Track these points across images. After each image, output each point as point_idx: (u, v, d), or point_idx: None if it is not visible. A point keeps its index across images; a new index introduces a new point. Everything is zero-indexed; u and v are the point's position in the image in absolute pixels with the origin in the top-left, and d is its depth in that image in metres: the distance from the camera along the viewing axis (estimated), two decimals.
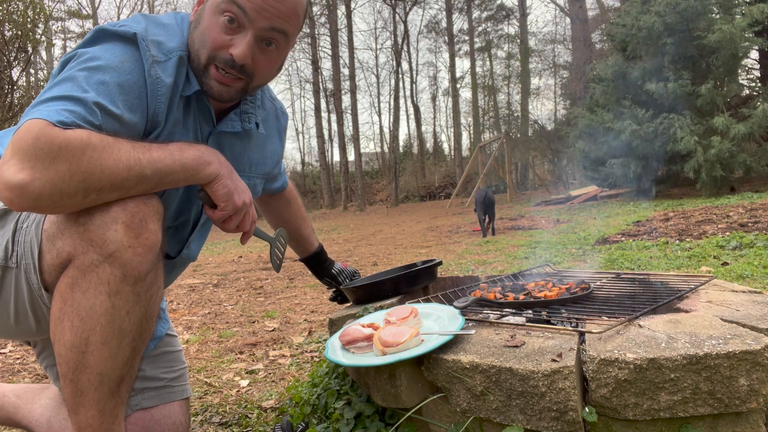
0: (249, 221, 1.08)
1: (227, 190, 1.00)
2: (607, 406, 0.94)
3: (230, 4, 0.97)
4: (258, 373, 2.02)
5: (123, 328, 0.90)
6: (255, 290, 4.14)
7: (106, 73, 0.90)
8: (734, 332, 0.98)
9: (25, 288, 0.96)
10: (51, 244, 0.91)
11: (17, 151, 0.80)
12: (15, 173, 0.79)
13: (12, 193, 0.79)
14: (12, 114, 10.06)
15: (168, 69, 0.98)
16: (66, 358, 0.89)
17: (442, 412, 1.09)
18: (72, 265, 0.89)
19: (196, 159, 0.95)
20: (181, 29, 1.05)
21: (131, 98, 0.93)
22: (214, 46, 1.00)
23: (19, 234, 0.95)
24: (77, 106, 0.85)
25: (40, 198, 0.80)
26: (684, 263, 3.37)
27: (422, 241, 7.34)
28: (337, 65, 25.18)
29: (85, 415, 0.92)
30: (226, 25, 0.98)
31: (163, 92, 0.98)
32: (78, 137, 0.81)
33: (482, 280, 1.82)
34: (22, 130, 0.81)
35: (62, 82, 0.88)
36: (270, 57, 1.05)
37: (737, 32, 8.90)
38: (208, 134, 1.13)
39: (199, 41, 1.01)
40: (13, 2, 10.19)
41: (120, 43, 0.95)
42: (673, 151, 9.47)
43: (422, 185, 30.06)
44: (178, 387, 1.26)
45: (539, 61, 32.00)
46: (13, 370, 2.23)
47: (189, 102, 1.06)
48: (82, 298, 0.88)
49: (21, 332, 1.04)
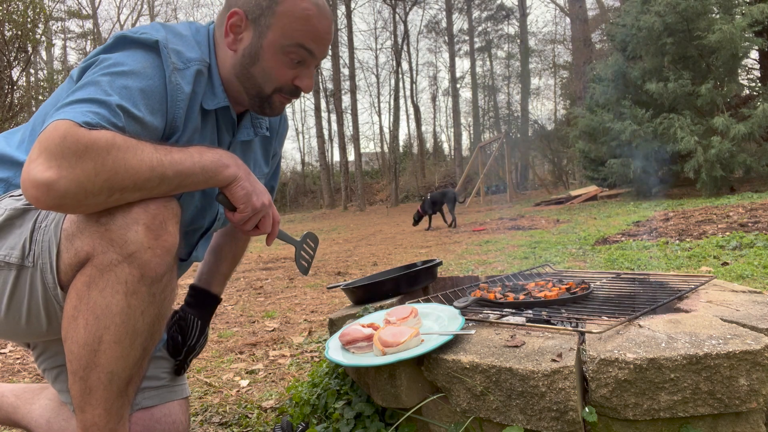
0: (269, 222, 1.10)
1: (245, 192, 1.02)
2: (607, 406, 0.94)
3: (299, 48, 1.06)
4: (258, 373, 2.02)
5: (137, 328, 0.92)
6: (255, 290, 4.14)
7: (128, 78, 0.93)
8: (734, 332, 0.98)
9: (40, 287, 0.96)
10: (69, 243, 0.92)
11: (44, 150, 0.81)
12: (42, 171, 0.80)
13: (38, 191, 0.81)
14: (12, 114, 10.06)
15: (187, 77, 1.02)
16: (77, 355, 0.90)
17: (442, 412, 1.09)
18: (90, 264, 0.90)
19: (215, 162, 0.98)
20: (198, 41, 1.09)
21: (153, 103, 0.96)
22: (281, 82, 1.09)
23: (38, 233, 0.96)
24: (102, 108, 0.87)
25: (65, 196, 0.82)
26: (684, 263, 3.37)
27: (422, 241, 7.35)
28: (337, 65, 25.19)
29: (91, 413, 0.93)
30: (293, 64, 1.08)
31: (182, 99, 1.01)
32: (103, 137, 0.83)
33: (482, 280, 1.82)
34: (48, 130, 0.82)
35: (86, 86, 0.90)
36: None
37: (737, 32, 8.89)
38: (229, 144, 1.18)
39: (263, 77, 1.08)
40: (13, 2, 10.19)
41: (142, 50, 0.98)
42: (673, 151, 9.47)
43: (422, 185, 30.05)
44: (178, 386, 1.26)
45: (539, 61, 32.04)
46: (13, 370, 2.23)
47: (207, 113, 1.10)
48: (99, 297, 0.89)
49: (30, 333, 1.05)
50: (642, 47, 10.37)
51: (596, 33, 22.32)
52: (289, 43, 1.05)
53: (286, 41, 1.05)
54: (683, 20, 9.52)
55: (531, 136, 25.25)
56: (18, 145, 1.11)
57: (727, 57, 9.28)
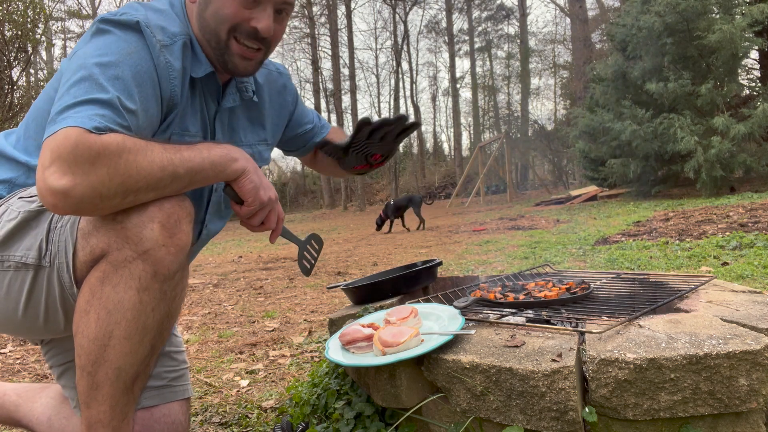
0: (275, 218, 1.11)
1: (253, 185, 1.02)
2: (607, 406, 0.94)
3: None
4: (258, 373, 2.02)
5: (147, 325, 0.93)
6: (255, 290, 4.14)
7: (118, 67, 0.93)
8: (734, 332, 0.98)
9: (57, 286, 0.97)
10: (85, 241, 0.93)
11: (57, 158, 0.82)
12: (57, 179, 0.81)
13: (56, 199, 0.82)
14: (12, 114, 10.06)
15: (175, 52, 1.01)
16: (87, 350, 0.91)
17: (442, 412, 1.09)
18: (105, 260, 0.91)
19: (224, 156, 0.98)
20: (176, 14, 1.08)
21: (146, 88, 0.96)
22: (234, 20, 1.03)
23: (53, 234, 0.97)
24: (105, 109, 0.88)
25: (82, 202, 0.83)
26: (684, 263, 3.37)
27: (422, 241, 7.35)
28: (337, 65, 25.19)
29: (96, 409, 0.93)
30: (244, 1, 1.02)
31: (175, 75, 1.01)
32: (114, 142, 0.84)
33: (482, 280, 1.82)
34: (59, 138, 0.83)
35: (80, 81, 0.90)
36: (282, 25, 1.11)
37: (737, 32, 8.89)
38: (215, 112, 1.16)
39: (215, 19, 1.04)
40: (13, 2, 10.19)
41: (124, 32, 0.97)
42: (673, 151, 9.47)
43: (422, 185, 30.07)
44: (179, 387, 1.26)
45: (539, 61, 32.06)
46: (13, 370, 2.23)
47: (194, 83, 1.09)
48: (112, 292, 0.90)
49: (48, 331, 1.06)
50: (642, 47, 10.36)
51: (596, 33, 22.33)
52: None
53: None
54: (683, 20, 9.51)
55: (531, 136, 25.24)
56: (15, 144, 1.11)
57: (727, 57, 9.27)
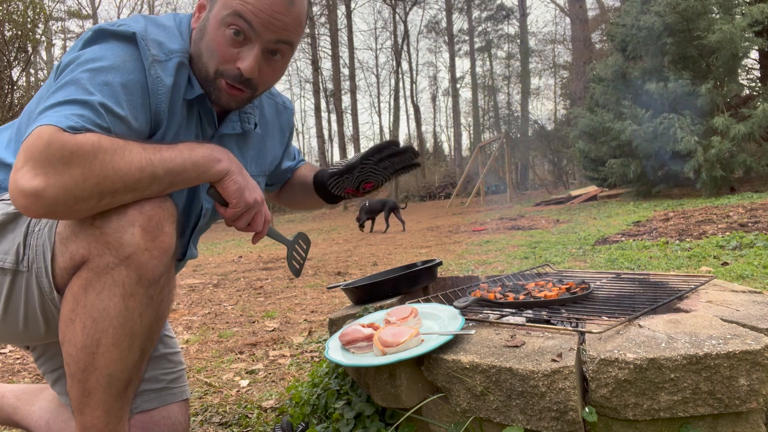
0: (261, 220, 1.07)
1: (238, 187, 0.99)
2: (607, 406, 0.94)
3: (236, 17, 0.96)
4: (258, 373, 2.02)
5: (135, 330, 0.91)
6: (255, 290, 4.14)
7: (109, 73, 0.90)
8: (734, 332, 0.98)
9: (36, 292, 0.95)
10: (64, 246, 0.91)
11: (29, 158, 0.79)
12: (29, 180, 0.79)
13: (27, 200, 0.79)
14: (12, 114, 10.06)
15: (168, 69, 0.98)
16: (76, 358, 0.89)
17: (442, 412, 1.09)
18: (86, 267, 0.89)
19: (206, 156, 0.95)
20: (180, 32, 1.05)
21: (135, 98, 0.93)
22: (221, 60, 1.00)
23: (31, 237, 0.95)
24: (85, 109, 0.85)
25: (55, 204, 0.80)
26: (684, 263, 3.37)
27: (422, 241, 7.35)
28: (337, 65, 25.18)
29: (91, 415, 0.92)
30: (232, 38, 0.98)
31: (163, 91, 0.98)
32: (89, 141, 0.81)
33: (482, 280, 1.82)
34: (32, 137, 0.80)
35: (66, 85, 0.88)
36: (275, 66, 1.05)
37: (737, 32, 8.89)
38: (211, 137, 1.13)
39: (207, 53, 1.01)
40: (13, 2, 10.19)
41: (119, 42, 0.95)
42: (673, 151, 9.47)
43: (422, 185, 30.05)
44: (177, 388, 1.25)
45: (539, 61, 32.05)
46: (13, 370, 2.23)
47: (191, 105, 1.07)
48: (96, 300, 0.88)
49: (29, 337, 1.04)
50: (642, 47, 10.37)
51: (596, 33, 22.33)
52: (227, 12, 0.97)
53: (224, 11, 0.97)
54: (683, 20, 9.51)
55: (531, 136, 25.22)
56: (6, 146, 1.08)
57: (727, 57, 9.27)
